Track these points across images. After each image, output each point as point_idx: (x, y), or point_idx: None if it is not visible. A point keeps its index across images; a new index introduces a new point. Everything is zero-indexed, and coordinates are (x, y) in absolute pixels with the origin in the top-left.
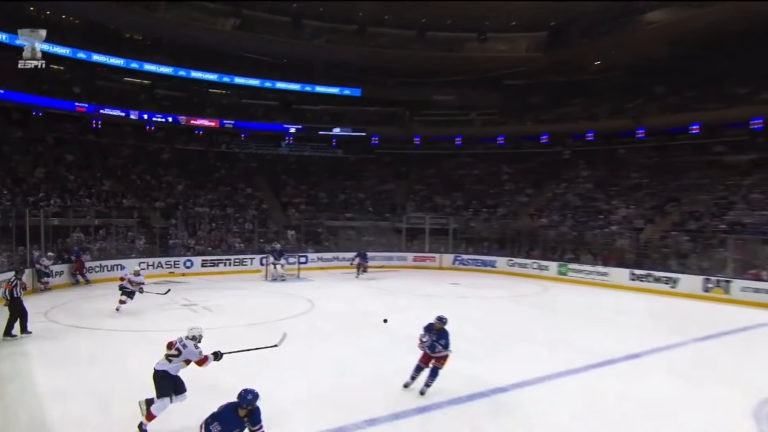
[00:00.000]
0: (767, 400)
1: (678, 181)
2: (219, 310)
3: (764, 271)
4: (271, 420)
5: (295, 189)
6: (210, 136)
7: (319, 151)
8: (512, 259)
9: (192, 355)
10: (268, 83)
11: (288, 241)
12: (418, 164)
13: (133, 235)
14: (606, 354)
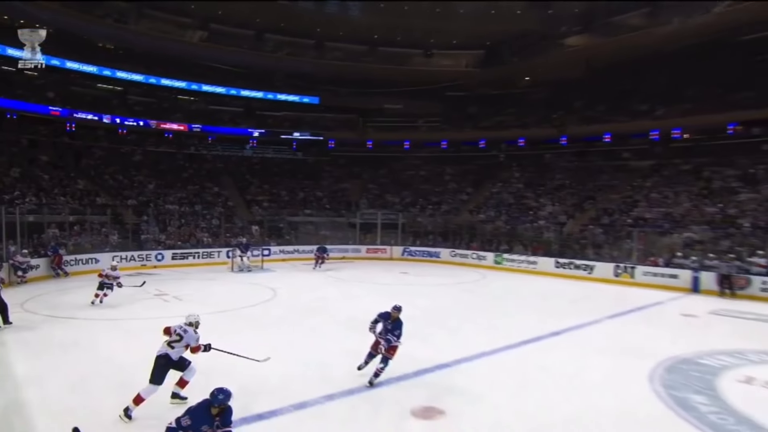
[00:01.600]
0: (659, 364)
1: (594, 182)
2: (189, 299)
3: (660, 259)
4: (239, 399)
5: (259, 188)
6: (179, 139)
7: (281, 154)
8: (454, 250)
9: (191, 339)
10: (234, 91)
11: (252, 236)
12: (370, 165)
13: (107, 230)
14: (534, 332)
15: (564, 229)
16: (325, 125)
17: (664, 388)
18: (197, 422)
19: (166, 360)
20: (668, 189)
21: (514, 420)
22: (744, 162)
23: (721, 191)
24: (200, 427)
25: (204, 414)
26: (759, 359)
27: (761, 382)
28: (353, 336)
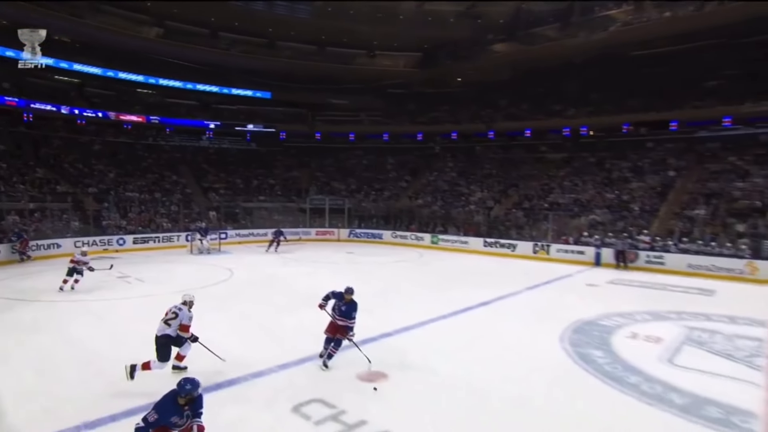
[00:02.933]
0: (568, 326)
1: (516, 172)
2: (151, 280)
3: (571, 238)
4: (205, 371)
5: (215, 176)
6: (138, 130)
7: (236, 144)
8: (395, 231)
9: (185, 318)
10: (190, 85)
11: (210, 221)
12: (319, 155)
13: (68, 217)
14: (466, 302)
15: (491, 213)
16: (277, 118)
17: (571, 346)
18: (165, 415)
19: (167, 339)
20: (577, 178)
21: (448, 378)
22: (634, 156)
23: (617, 180)
24: (169, 419)
25: (171, 406)
26: (642, 318)
27: (643, 336)
28: (307, 309)
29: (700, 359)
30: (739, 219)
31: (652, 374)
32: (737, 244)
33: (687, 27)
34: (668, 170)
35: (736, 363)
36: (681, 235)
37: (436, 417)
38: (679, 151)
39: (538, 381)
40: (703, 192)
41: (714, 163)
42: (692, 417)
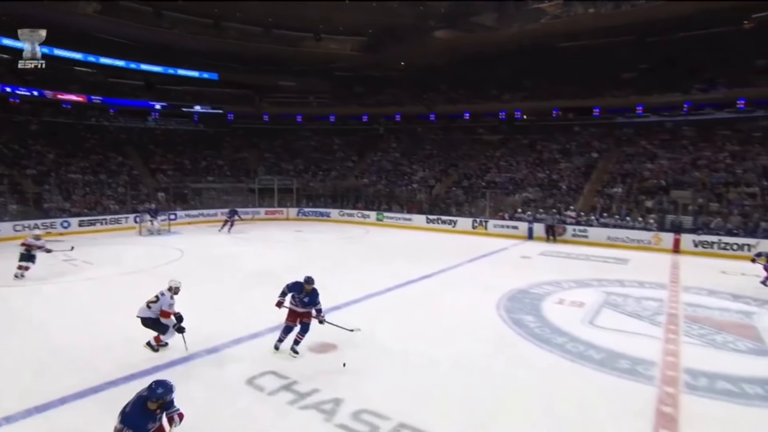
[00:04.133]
0: (503, 295)
1: (456, 152)
2: (99, 262)
3: (506, 214)
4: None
5: (163, 157)
6: (79, 109)
7: (183, 125)
8: (342, 210)
9: (165, 304)
10: (133, 65)
11: (159, 202)
12: (267, 137)
13: (4, 200)
14: (410, 275)
15: (433, 191)
16: (225, 100)
17: (506, 312)
18: (139, 427)
19: (150, 321)
20: (512, 158)
21: (394, 346)
22: (562, 139)
23: (548, 161)
24: (146, 427)
25: (142, 415)
26: (569, 286)
27: (568, 302)
28: (257, 287)
29: (614, 320)
30: (648, 196)
31: (576, 335)
32: (646, 219)
33: (607, 23)
34: (592, 152)
35: (643, 321)
36: (601, 211)
37: (385, 382)
38: (601, 135)
39: (477, 345)
40: (620, 172)
41: (629, 146)
42: (607, 369)
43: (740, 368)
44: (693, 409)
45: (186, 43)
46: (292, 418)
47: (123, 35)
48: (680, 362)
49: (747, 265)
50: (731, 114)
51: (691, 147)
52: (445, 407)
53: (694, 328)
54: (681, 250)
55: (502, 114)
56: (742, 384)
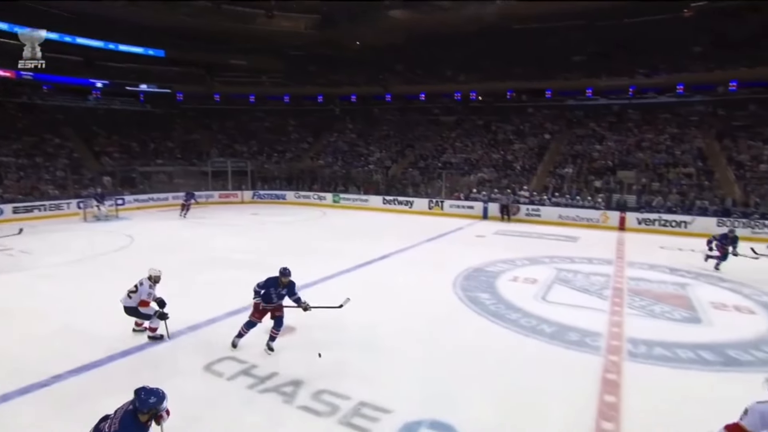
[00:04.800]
0: (460, 273)
1: (412, 133)
2: (40, 251)
3: (462, 194)
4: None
5: (107, 139)
6: (7, 86)
7: (128, 105)
8: (298, 192)
9: (143, 293)
10: (69, 38)
11: (105, 186)
12: (219, 117)
13: None
14: (368, 256)
15: (389, 172)
16: (173, 78)
17: (462, 291)
18: None
19: (134, 310)
20: (467, 139)
21: (353, 326)
22: (517, 120)
23: (502, 142)
24: None
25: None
26: (522, 264)
27: (522, 279)
28: (213, 271)
29: (565, 295)
30: (596, 176)
31: (529, 310)
32: (595, 198)
33: (557, 8)
34: (544, 133)
35: (591, 296)
36: (553, 191)
37: (344, 362)
38: (553, 116)
39: (435, 323)
40: (570, 153)
41: (579, 128)
42: (557, 342)
43: (674, 335)
44: (633, 374)
45: (128, 16)
46: (252, 402)
47: (57, 5)
48: (623, 332)
49: (683, 240)
50: (671, 98)
51: (636, 129)
52: (403, 384)
53: (636, 300)
54: (626, 227)
55: (458, 95)
56: (675, 349)
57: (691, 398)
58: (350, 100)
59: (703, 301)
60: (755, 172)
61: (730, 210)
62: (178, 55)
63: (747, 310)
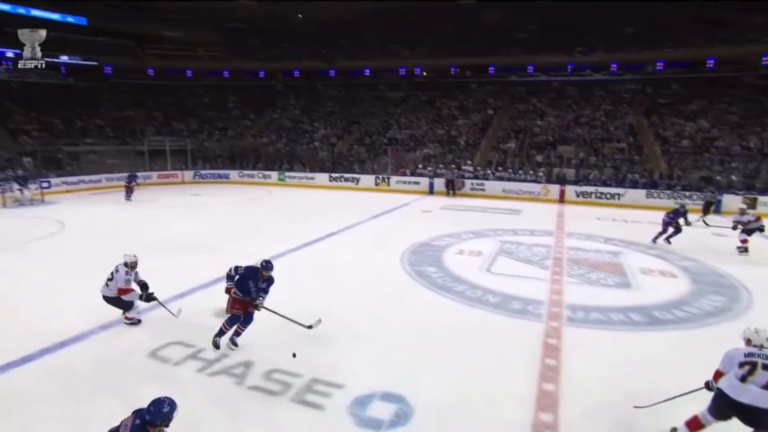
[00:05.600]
0: (407, 248)
1: (357, 109)
2: None
3: (408, 170)
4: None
5: (24, 116)
6: None
7: (48, 78)
8: (242, 171)
9: (120, 280)
10: None
11: (26, 168)
12: (154, 93)
13: None
14: (315, 234)
15: (335, 149)
16: (99, 50)
17: (410, 265)
18: None
19: (113, 299)
20: (412, 115)
21: (302, 305)
22: (461, 96)
23: (447, 117)
24: None
25: None
26: (467, 237)
27: (467, 252)
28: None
29: (509, 266)
30: (538, 151)
31: (474, 282)
32: (537, 172)
33: None
34: (488, 109)
35: (533, 266)
36: (497, 165)
37: (295, 341)
38: (496, 92)
39: (384, 298)
40: (513, 128)
41: (521, 104)
42: (501, 311)
43: (608, 300)
44: (572, 338)
45: None
46: (201, 385)
47: None
48: (563, 299)
49: (617, 211)
50: (606, 76)
51: (574, 106)
52: (354, 359)
53: (574, 269)
54: (566, 200)
55: (403, 71)
56: (609, 313)
57: (621, 356)
58: (293, 76)
59: (633, 267)
60: (678, 147)
61: (657, 182)
62: (104, 24)
63: (670, 275)
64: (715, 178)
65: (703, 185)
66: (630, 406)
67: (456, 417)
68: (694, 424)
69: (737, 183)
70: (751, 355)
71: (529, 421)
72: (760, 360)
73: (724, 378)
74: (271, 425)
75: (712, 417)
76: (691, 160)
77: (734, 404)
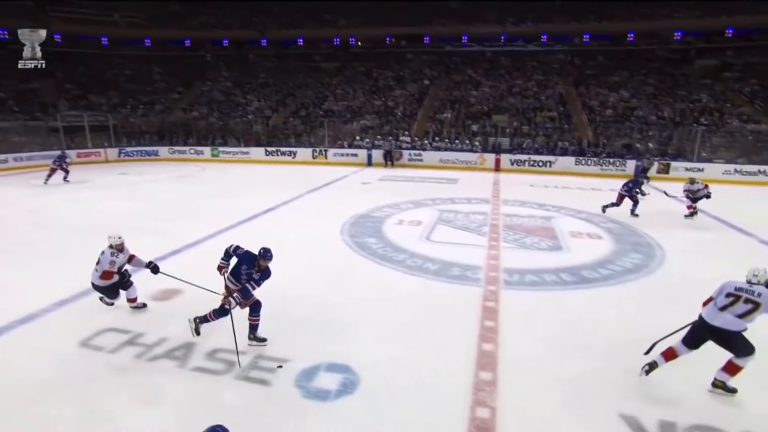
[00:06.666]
0: (347, 221)
1: (292, 81)
2: None
3: (345, 142)
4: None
5: None
6: None
7: None
8: (172, 147)
9: (105, 262)
10: None
11: None
12: (64, 63)
13: None
14: (252, 211)
15: (270, 122)
16: None
17: (350, 237)
18: None
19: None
20: (349, 86)
21: None
22: (397, 66)
23: (383, 88)
24: None
25: None
26: (407, 207)
27: (407, 222)
28: (74, 242)
29: (448, 234)
30: (473, 121)
31: (415, 251)
32: (473, 141)
33: None
34: (424, 79)
35: (471, 233)
36: (434, 135)
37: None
38: (432, 63)
39: (325, 271)
40: (449, 99)
41: (457, 74)
42: (442, 277)
43: (541, 263)
44: (508, 300)
45: None
46: (140, 372)
47: None
48: (500, 264)
49: (549, 178)
50: (537, 47)
51: (508, 76)
52: (297, 334)
53: (510, 234)
54: (501, 168)
55: (337, 41)
56: (542, 274)
57: (555, 313)
58: (222, 45)
59: (564, 230)
60: (603, 116)
61: (584, 150)
62: None
63: (596, 236)
64: (635, 146)
65: (625, 152)
66: (558, 360)
67: (400, 381)
68: (669, 354)
69: (653, 150)
70: (739, 289)
71: (470, 381)
72: (745, 295)
73: (707, 306)
74: (216, 404)
75: (684, 347)
76: (615, 128)
77: (709, 327)
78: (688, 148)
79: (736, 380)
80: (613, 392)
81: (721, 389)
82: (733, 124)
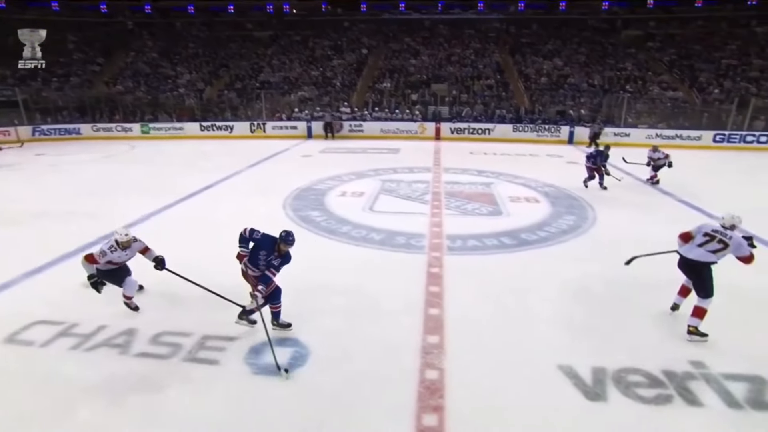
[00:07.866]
0: (289, 195)
1: (225, 51)
2: None
3: (284, 114)
4: None
5: None
6: None
7: None
8: (96, 124)
9: (98, 247)
10: None
11: None
12: None
13: None
14: (190, 189)
15: (203, 95)
16: None
17: (293, 211)
18: None
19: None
20: (285, 56)
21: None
22: (334, 35)
23: (321, 58)
24: None
25: None
26: (349, 179)
27: (350, 193)
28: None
29: (391, 204)
30: (413, 90)
31: (358, 222)
32: (413, 111)
33: None
34: (362, 49)
35: (414, 202)
36: (374, 106)
37: (180, 302)
38: (370, 31)
39: None
40: (388, 68)
41: (395, 43)
42: (387, 246)
43: (483, 228)
44: (452, 265)
45: None
46: (77, 363)
47: None
48: (443, 231)
49: (488, 145)
50: (474, 15)
51: (446, 44)
52: None
53: (452, 201)
54: (441, 137)
55: (270, 8)
56: (483, 239)
57: (497, 276)
58: (144, 12)
59: (503, 196)
60: (538, 84)
61: (521, 117)
62: None
63: (534, 200)
64: (568, 112)
65: (559, 118)
66: (502, 321)
67: (350, 350)
68: (683, 290)
69: (585, 116)
70: (716, 231)
71: (418, 345)
72: (719, 236)
73: (687, 244)
74: (163, 388)
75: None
76: (549, 95)
77: (685, 261)
78: (616, 114)
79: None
80: (554, 348)
81: (696, 334)
82: (654, 91)
